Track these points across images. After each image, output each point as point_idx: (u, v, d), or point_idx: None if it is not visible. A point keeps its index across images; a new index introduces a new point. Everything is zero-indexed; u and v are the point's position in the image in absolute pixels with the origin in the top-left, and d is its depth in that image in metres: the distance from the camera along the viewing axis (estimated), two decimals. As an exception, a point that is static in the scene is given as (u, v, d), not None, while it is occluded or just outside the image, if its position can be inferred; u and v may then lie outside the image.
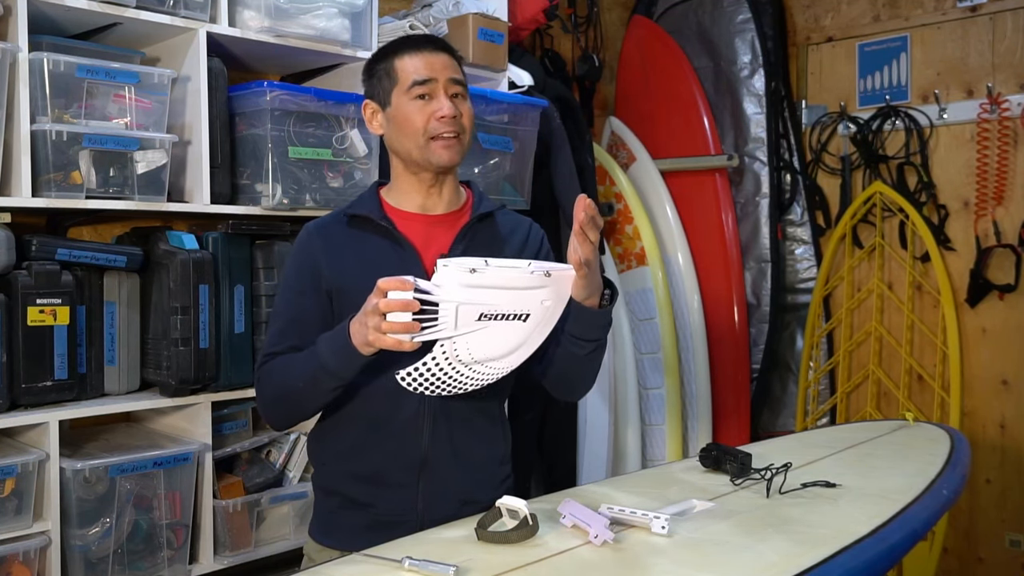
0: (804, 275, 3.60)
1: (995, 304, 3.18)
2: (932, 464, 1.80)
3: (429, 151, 1.56)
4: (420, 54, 1.56)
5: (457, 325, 1.31)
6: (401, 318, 1.30)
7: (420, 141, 1.56)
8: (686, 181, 3.51)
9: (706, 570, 1.23)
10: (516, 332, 1.36)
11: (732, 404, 3.47)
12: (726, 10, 3.59)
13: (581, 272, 1.38)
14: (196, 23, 2.05)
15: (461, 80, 1.59)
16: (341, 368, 1.43)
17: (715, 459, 1.74)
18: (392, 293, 1.30)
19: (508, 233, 1.65)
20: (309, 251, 1.59)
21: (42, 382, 1.89)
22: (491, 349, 1.36)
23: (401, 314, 1.30)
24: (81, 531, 1.91)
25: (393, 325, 1.31)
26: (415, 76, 1.55)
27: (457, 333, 1.32)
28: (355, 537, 1.54)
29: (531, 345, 1.40)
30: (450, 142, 1.56)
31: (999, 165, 3.14)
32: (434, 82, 1.55)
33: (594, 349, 1.53)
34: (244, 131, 2.17)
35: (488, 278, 1.31)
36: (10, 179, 1.85)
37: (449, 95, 1.56)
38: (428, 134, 1.55)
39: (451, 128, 1.55)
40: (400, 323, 1.30)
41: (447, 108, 1.54)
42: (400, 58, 1.57)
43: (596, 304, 1.47)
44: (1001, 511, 3.20)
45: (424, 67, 1.56)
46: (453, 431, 1.57)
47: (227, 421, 2.25)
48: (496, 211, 1.66)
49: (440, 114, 1.54)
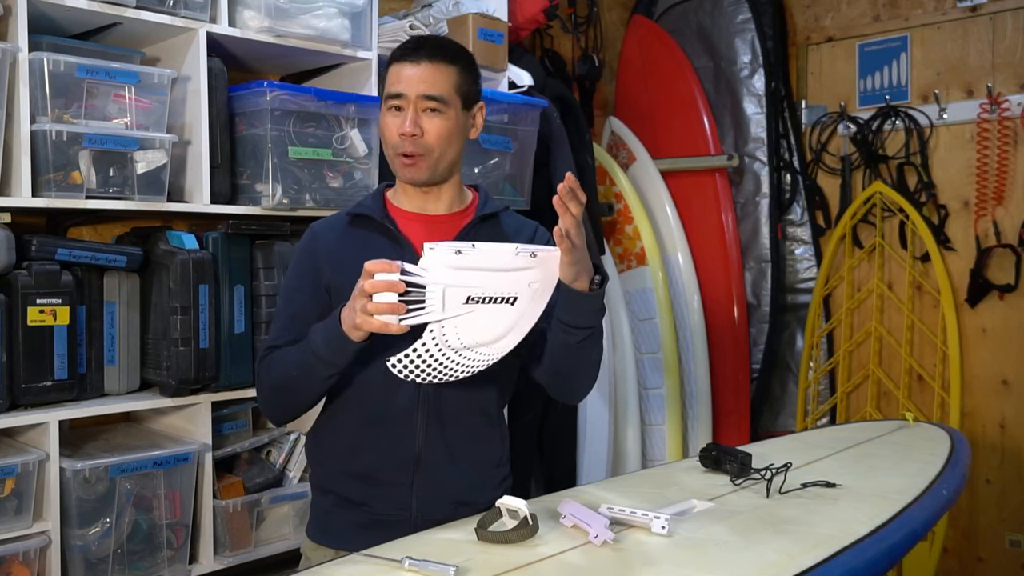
0: (804, 275, 3.60)
1: (995, 304, 3.18)
2: (932, 464, 1.80)
3: (395, 165, 1.56)
4: (402, 64, 1.53)
5: (445, 308, 1.32)
6: (387, 299, 1.31)
7: (389, 153, 1.56)
8: (686, 181, 3.51)
9: (706, 570, 1.23)
10: (505, 316, 1.36)
11: (732, 404, 3.47)
12: (726, 10, 3.58)
13: (564, 245, 1.33)
14: (196, 23, 2.05)
15: (436, 96, 1.51)
16: (333, 355, 1.44)
17: (715, 459, 1.74)
18: (379, 275, 1.32)
19: (512, 234, 1.63)
20: (311, 250, 1.60)
21: (42, 382, 1.89)
22: (480, 334, 1.36)
23: (387, 295, 1.31)
24: (81, 531, 1.91)
25: (379, 306, 1.31)
26: (390, 87, 1.54)
27: (445, 316, 1.32)
28: (350, 536, 1.54)
29: (520, 330, 1.39)
30: (412, 160, 1.53)
31: (999, 165, 3.14)
32: (403, 97, 1.52)
33: (586, 337, 1.46)
34: (244, 131, 2.17)
35: (474, 260, 1.31)
36: (10, 179, 1.85)
37: (419, 110, 1.52)
38: (395, 150, 1.54)
39: (410, 148, 1.52)
40: (386, 304, 1.31)
41: (406, 124, 1.50)
42: (393, 64, 1.56)
43: (586, 287, 1.40)
44: (1001, 511, 3.20)
45: (398, 79, 1.53)
46: (448, 431, 1.56)
47: (227, 421, 2.26)
48: (500, 212, 1.65)
49: (400, 131, 1.52)
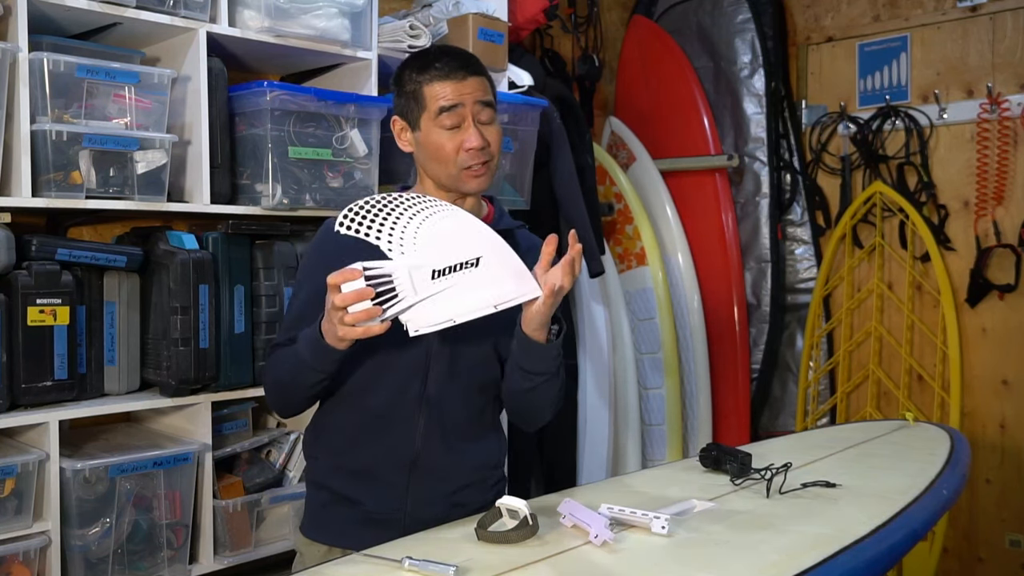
0: (804, 275, 3.60)
1: (995, 304, 3.18)
2: (932, 464, 1.80)
3: (460, 181, 1.56)
4: (448, 81, 1.54)
5: (416, 290, 1.33)
6: (361, 307, 1.32)
7: (452, 171, 1.55)
8: (686, 181, 3.51)
9: (706, 570, 1.23)
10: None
11: (732, 404, 3.47)
12: (726, 10, 3.59)
13: (548, 301, 1.40)
14: (196, 23, 2.05)
15: (489, 101, 1.57)
16: (320, 363, 1.46)
17: (715, 459, 1.74)
18: (344, 286, 1.32)
19: (524, 252, 1.62)
20: (323, 251, 1.60)
21: (42, 382, 1.89)
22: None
23: (360, 304, 1.32)
24: (81, 531, 1.91)
25: (356, 316, 1.32)
26: (442, 102, 1.53)
27: (419, 298, 1.34)
28: (343, 533, 1.55)
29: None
30: (480, 170, 1.55)
31: (999, 165, 3.14)
32: (461, 108, 1.53)
33: (544, 381, 1.52)
34: (244, 131, 2.17)
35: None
36: (10, 179, 1.85)
37: (477, 121, 1.54)
38: (459, 165, 1.54)
39: (481, 159, 1.55)
40: (362, 312, 1.32)
41: (475, 139, 1.53)
42: (429, 84, 1.54)
43: (543, 338, 1.46)
44: (1001, 511, 3.20)
45: (452, 93, 1.53)
46: (446, 432, 1.57)
47: (227, 421, 2.26)
48: (516, 230, 1.67)
49: (468, 146, 1.53)
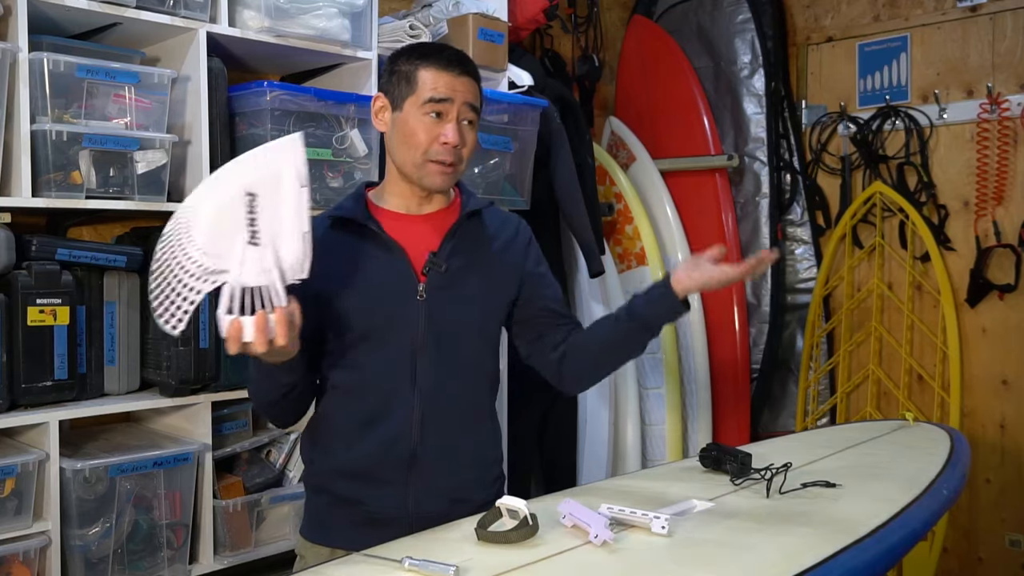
0: (804, 275, 3.60)
1: (995, 304, 3.18)
2: (932, 464, 1.80)
3: (424, 171, 1.55)
4: (446, 72, 1.53)
5: (254, 274, 1.29)
6: (250, 335, 1.29)
7: (418, 158, 1.54)
8: (686, 181, 3.50)
9: (706, 570, 1.24)
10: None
11: (732, 404, 3.46)
12: (726, 10, 3.58)
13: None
14: (196, 23, 2.05)
15: (477, 107, 1.57)
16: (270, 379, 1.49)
17: (715, 459, 1.74)
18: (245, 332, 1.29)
19: (495, 230, 1.66)
20: None
21: (42, 382, 1.89)
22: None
23: (247, 333, 1.29)
24: (81, 531, 1.91)
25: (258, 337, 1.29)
26: (433, 92, 1.52)
27: (269, 266, 1.29)
28: (345, 534, 1.55)
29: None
30: (446, 169, 1.55)
31: (999, 165, 3.13)
32: (450, 103, 1.53)
33: (647, 341, 1.62)
34: (244, 131, 2.17)
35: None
36: (10, 179, 1.85)
37: (460, 120, 1.54)
38: (428, 155, 1.54)
39: (450, 156, 1.54)
40: (256, 333, 1.29)
41: (453, 135, 1.52)
42: (426, 68, 1.54)
43: None
44: (1001, 511, 3.20)
45: (445, 86, 1.53)
46: (443, 429, 1.57)
47: (227, 421, 2.25)
48: (484, 209, 1.66)
49: (445, 139, 1.53)
